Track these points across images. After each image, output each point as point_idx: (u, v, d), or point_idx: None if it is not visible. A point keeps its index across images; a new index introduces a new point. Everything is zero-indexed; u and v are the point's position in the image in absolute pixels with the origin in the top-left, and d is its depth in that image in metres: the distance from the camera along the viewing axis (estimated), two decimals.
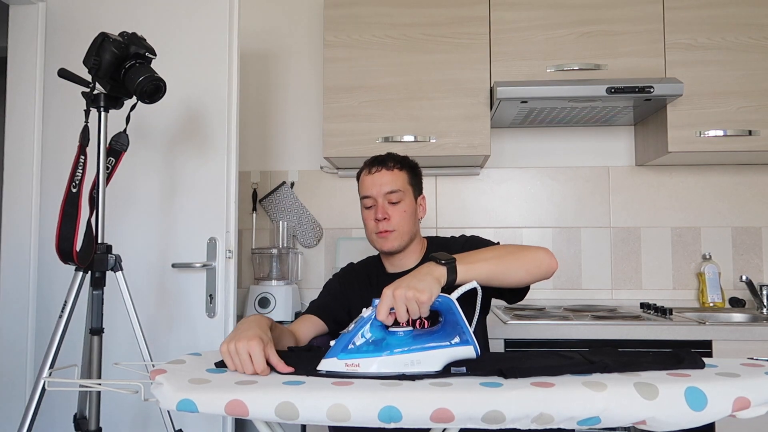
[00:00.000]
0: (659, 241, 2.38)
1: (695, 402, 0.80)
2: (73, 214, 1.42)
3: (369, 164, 1.47)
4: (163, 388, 0.85)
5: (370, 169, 1.45)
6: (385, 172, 1.43)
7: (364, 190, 1.45)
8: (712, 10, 2.09)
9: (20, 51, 1.97)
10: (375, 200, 1.43)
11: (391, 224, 1.41)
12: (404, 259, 1.47)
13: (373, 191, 1.42)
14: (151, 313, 1.86)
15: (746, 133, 2.04)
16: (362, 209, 1.47)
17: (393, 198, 1.42)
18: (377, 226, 1.41)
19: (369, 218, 1.44)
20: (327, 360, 0.95)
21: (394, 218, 1.41)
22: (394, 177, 1.43)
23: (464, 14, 2.14)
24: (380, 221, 1.41)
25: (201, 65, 1.88)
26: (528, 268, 1.19)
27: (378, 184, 1.42)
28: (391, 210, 1.41)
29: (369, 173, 1.45)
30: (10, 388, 1.89)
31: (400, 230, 1.42)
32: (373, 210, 1.43)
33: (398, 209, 1.42)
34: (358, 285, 1.50)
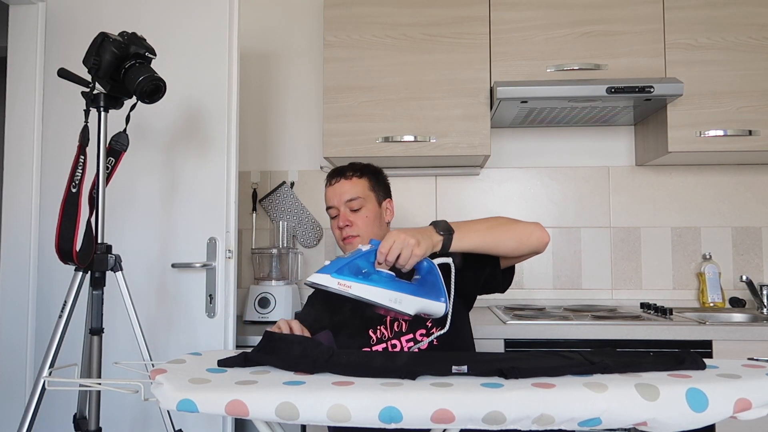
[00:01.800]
0: (659, 241, 2.38)
1: (696, 403, 0.80)
2: (72, 214, 1.42)
3: (329, 176, 1.54)
4: (163, 388, 0.85)
5: (330, 181, 1.53)
6: (344, 182, 1.50)
7: (326, 201, 1.53)
8: (712, 10, 2.09)
9: (20, 51, 1.97)
10: (337, 209, 1.50)
11: (354, 230, 1.47)
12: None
13: (333, 201, 1.50)
14: (151, 313, 1.86)
15: (746, 133, 2.04)
16: (330, 220, 1.54)
17: (354, 205, 1.48)
18: (341, 233, 1.48)
19: (334, 227, 1.51)
20: (319, 275, 1.02)
21: (357, 224, 1.47)
22: (353, 185, 1.50)
23: (464, 14, 2.14)
24: (342, 228, 1.47)
25: (201, 65, 1.87)
26: (520, 239, 1.27)
27: (338, 194, 1.49)
28: (353, 217, 1.48)
29: (330, 185, 1.53)
30: (10, 388, 1.89)
31: (364, 235, 1.47)
32: (337, 218, 1.50)
33: (360, 215, 1.48)
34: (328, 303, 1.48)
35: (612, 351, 1.06)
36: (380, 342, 1.39)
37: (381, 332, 1.40)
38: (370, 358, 1.09)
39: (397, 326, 1.39)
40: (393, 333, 1.39)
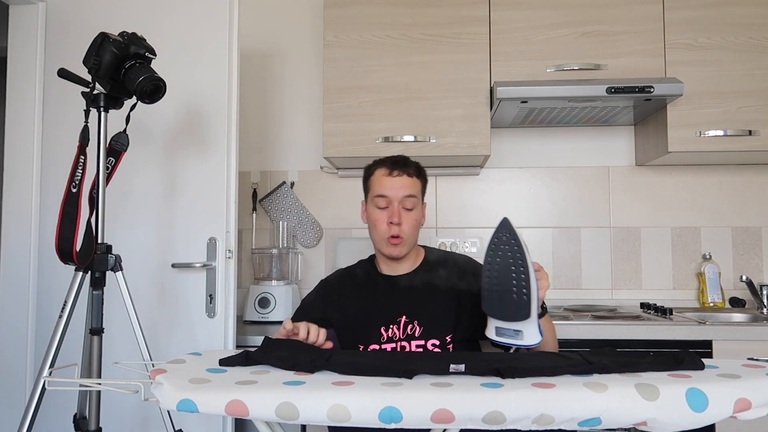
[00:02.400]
0: (659, 241, 2.38)
1: (696, 403, 0.80)
2: (73, 214, 1.42)
3: (390, 165, 1.44)
4: (164, 388, 0.85)
5: (391, 171, 1.43)
6: (406, 178, 1.43)
7: (381, 189, 1.42)
8: (712, 10, 2.08)
9: (20, 51, 1.97)
10: (390, 202, 1.41)
11: (402, 231, 1.41)
12: (402, 264, 1.48)
13: (391, 193, 1.41)
14: (151, 313, 1.86)
15: (746, 133, 2.04)
16: (372, 209, 1.45)
17: (408, 204, 1.42)
18: (389, 230, 1.41)
19: (381, 219, 1.42)
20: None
21: (406, 225, 1.41)
22: (412, 183, 1.43)
23: (464, 14, 2.14)
24: (394, 225, 1.40)
25: (201, 65, 1.88)
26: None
27: (398, 187, 1.41)
28: (404, 216, 1.41)
29: (390, 174, 1.43)
30: (10, 388, 1.89)
31: (408, 238, 1.42)
32: (387, 212, 1.42)
33: (410, 216, 1.42)
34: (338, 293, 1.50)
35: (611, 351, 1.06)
36: (390, 341, 1.39)
37: (393, 331, 1.39)
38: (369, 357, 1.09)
39: (410, 329, 1.39)
40: (405, 335, 1.38)
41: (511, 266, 1.07)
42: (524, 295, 1.07)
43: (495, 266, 1.09)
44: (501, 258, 1.08)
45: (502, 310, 1.09)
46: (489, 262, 1.11)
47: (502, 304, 1.09)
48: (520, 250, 1.07)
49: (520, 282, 1.07)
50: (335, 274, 1.57)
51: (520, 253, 1.07)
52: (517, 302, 1.08)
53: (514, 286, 1.08)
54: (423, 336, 1.38)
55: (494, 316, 1.12)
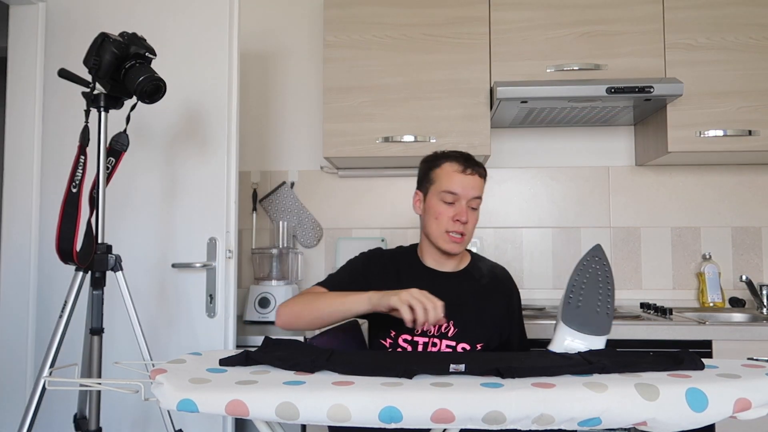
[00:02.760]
0: (659, 241, 2.38)
1: (696, 403, 0.80)
2: (73, 214, 1.42)
3: (463, 162, 1.43)
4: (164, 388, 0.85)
5: (465, 169, 1.42)
6: (477, 178, 1.42)
7: (451, 185, 1.41)
8: (712, 10, 2.09)
9: (20, 51, 1.97)
10: (458, 199, 1.41)
11: (466, 229, 1.41)
12: (449, 261, 1.48)
13: (462, 192, 1.40)
14: (151, 313, 1.86)
15: (746, 133, 2.04)
16: (437, 202, 1.43)
17: (474, 204, 1.42)
18: (454, 226, 1.40)
19: (446, 214, 1.41)
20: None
21: (470, 224, 1.42)
22: (481, 184, 1.43)
23: (464, 14, 2.14)
24: (462, 223, 1.40)
25: (201, 65, 1.88)
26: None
27: (470, 187, 1.41)
28: (470, 215, 1.41)
29: (463, 172, 1.42)
30: (10, 388, 1.89)
31: (468, 237, 1.43)
32: (453, 208, 1.41)
33: (474, 216, 1.43)
34: (382, 272, 1.47)
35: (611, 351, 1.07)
36: (423, 335, 1.39)
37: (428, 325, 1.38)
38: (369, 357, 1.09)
39: (444, 328, 1.39)
40: (439, 332, 1.39)
41: (599, 284, 1.16)
42: (607, 312, 1.14)
43: (582, 282, 1.17)
44: (590, 275, 1.17)
45: (583, 323, 1.15)
46: (577, 278, 1.18)
47: (583, 317, 1.15)
48: (610, 272, 1.17)
49: (606, 300, 1.15)
50: (378, 252, 1.55)
51: (609, 275, 1.17)
52: (599, 317, 1.14)
53: (599, 302, 1.15)
54: (455, 337, 1.38)
55: (573, 327, 1.15)
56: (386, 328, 1.41)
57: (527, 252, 2.41)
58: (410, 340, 1.40)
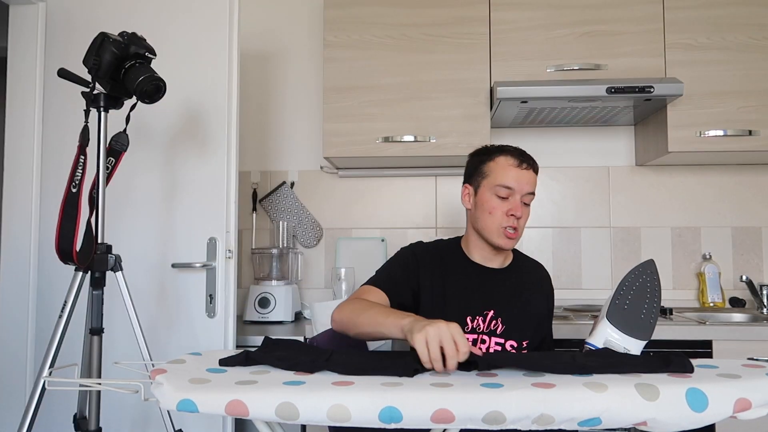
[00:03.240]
0: (659, 241, 2.38)
1: (696, 403, 0.80)
2: (73, 214, 1.42)
3: (519, 157, 1.41)
4: (163, 388, 0.85)
5: (520, 163, 1.40)
6: (532, 174, 1.41)
7: (506, 179, 1.38)
8: (712, 10, 2.08)
9: (20, 51, 1.97)
10: (513, 194, 1.38)
11: (519, 224, 1.40)
12: (496, 257, 1.46)
13: (517, 186, 1.38)
14: (151, 313, 1.86)
15: (746, 133, 2.04)
16: (490, 196, 1.40)
17: (527, 200, 1.41)
18: (508, 221, 1.38)
19: (500, 208, 1.39)
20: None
21: (522, 220, 1.40)
22: (535, 180, 1.42)
23: (464, 14, 2.14)
24: (517, 218, 1.38)
25: (201, 65, 1.87)
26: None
27: (525, 182, 1.39)
28: (523, 210, 1.40)
29: (519, 167, 1.39)
30: (10, 388, 1.89)
31: (520, 233, 1.41)
32: (507, 202, 1.39)
33: (526, 212, 1.41)
34: (431, 265, 1.44)
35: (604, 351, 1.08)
36: (473, 332, 1.37)
37: (478, 323, 1.38)
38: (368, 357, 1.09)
39: (493, 325, 1.38)
40: (488, 330, 1.38)
41: (647, 293, 1.20)
42: (651, 318, 1.18)
43: (633, 287, 1.21)
44: (640, 284, 1.21)
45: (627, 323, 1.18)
46: (628, 283, 1.21)
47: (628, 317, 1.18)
48: (659, 287, 1.21)
49: (652, 307, 1.19)
50: (423, 246, 1.50)
51: (658, 289, 1.20)
52: (643, 321, 1.18)
53: (644, 308, 1.19)
54: (504, 335, 1.38)
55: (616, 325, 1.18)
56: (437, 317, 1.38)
57: (527, 252, 2.40)
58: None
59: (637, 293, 1.20)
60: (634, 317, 1.18)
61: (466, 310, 1.38)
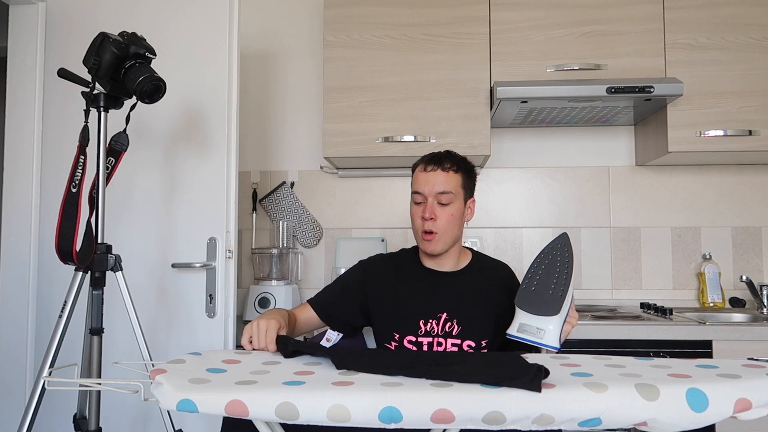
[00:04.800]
0: (659, 241, 2.38)
1: (696, 403, 0.80)
2: (72, 214, 1.41)
3: (426, 161, 1.46)
4: (163, 388, 0.85)
5: (425, 166, 1.44)
6: (440, 172, 1.42)
7: (416, 185, 1.44)
8: (712, 10, 2.08)
9: (20, 51, 1.97)
10: (425, 198, 1.42)
11: (435, 225, 1.41)
12: (444, 260, 1.48)
13: (425, 189, 1.42)
14: (151, 313, 1.86)
15: (746, 133, 2.04)
16: (411, 204, 1.47)
17: (443, 199, 1.41)
18: (423, 225, 1.41)
19: (416, 215, 1.44)
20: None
21: (440, 220, 1.41)
22: (448, 178, 1.42)
23: (464, 14, 2.14)
24: (427, 220, 1.40)
25: (201, 65, 1.87)
26: None
27: (431, 183, 1.41)
28: (439, 211, 1.41)
29: (424, 170, 1.44)
30: (10, 388, 1.89)
31: (443, 234, 1.42)
32: (422, 207, 1.42)
33: (446, 212, 1.42)
34: (381, 276, 1.50)
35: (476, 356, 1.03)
36: (428, 335, 1.40)
37: (431, 326, 1.40)
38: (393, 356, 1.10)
39: (448, 327, 1.40)
40: (443, 332, 1.40)
41: (556, 269, 1.17)
42: (560, 292, 1.16)
43: (541, 267, 1.20)
44: (549, 261, 1.19)
45: (534, 303, 1.17)
46: (537, 263, 1.20)
47: (535, 298, 1.17)
48: (570, 259, 1.18)
49: (560, 282, 1.16)
50: (377, 258, 1.57)
51: (569, 262, 1.18)
52: (551, 297, 1.16)
53: (553, 284, 1.17)
54: (460, 335, 1.39)
55: (523, 308, 1.18)
56: (389, 332, 1.43)
57: (527, 252, 2.41)
58: (415, 341, 1.41)
59: (547, 271, 1.19)
60: (543, 296, 1.17)
61: (418, 314, 1.42)
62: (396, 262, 1.54)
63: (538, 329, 1.16)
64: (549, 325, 1.16)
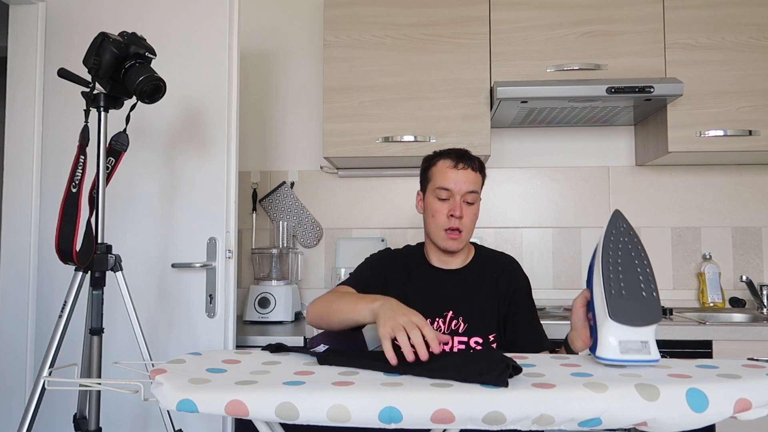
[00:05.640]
0: (659, 241, 2.38)
1: (696, 403, 0.80)
2: (73, 214, 1.42)
3: (455, 157, 1.43)
4: (163, 388, 0.85)
5: (456, 164, 1.42)
6: (470, 172, 1.42)
7: (444, 181, 1.41)
8: (712, 10, 2.08)
9: (20, 51, 1.97)
10: (453, 195, 1.41)
11: (462, 224, 1.40)
12: (455, 258, 1.48)
13: (455, 187, 1.40)
14: (151, 313, 1.86)
15: (746, 133, 2.04)
16: (432, 200, 1.44)
17: (469, 198, 1.41)
18: (449, 222, 1.40)
19: (441, 211, 1.42)
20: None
21: (466, 219, 1.41)
22: (476, 178, 1.42)
23: (464, 14, 2.14)
24: (454, 217, 1.39)
25: (201, 65, 1.87)
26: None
27: (462, 181, 1.40)
28: (465, 210, 1.41)
29: (455, 167, 1.41)
30: (10, 388, 1.89)
31: (467, 233, 1.42)
32: (448, 204, 1.41)
33: (471, 211, 1.42)
34: (396, 271, 1.48)
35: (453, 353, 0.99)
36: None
37: (438, 325, 1.40)
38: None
39: (454, 325, 1.39)
40: (449, 330, 1.39)
41: (635, 260, 0.95)
42: (653, 290, 0.94)
43: (618, 265, 0.96)
44: (622, 253, 0.96)
45: (633, 313, 0.94)
46: (609, 261, 0.96)
47: (632, 306, 0.94)
48: (639, 242, 0.95)
49: (647, 278, 0.94)
50: (388, 252, 1.55)
51: (640, 246, 0.96)
52: (648, 301, 0.93)
53: (642, 283, 0.94)
54: (466, 333, 1.39)
55: (626, 323, 0.94)
56: None
57: (527, 252, 2.41)
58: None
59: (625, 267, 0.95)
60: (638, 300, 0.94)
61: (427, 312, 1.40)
62: (406, 259, 1.51)
63: (642, 343, 0.93)
64: (651, 334, 0.94)
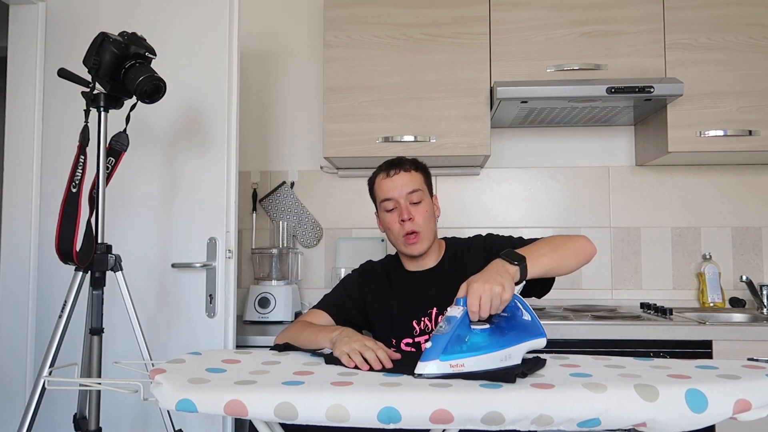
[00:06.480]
0: (659, 241, 2.38)
1: (696, 404, 0.80)
2: (73, 214, 1.42)
3: (385, 168, 1.47)
4: (163, 388, 0.85)
5: (387, 173, 1.45)
6: (404, 174, 1.44)
7: (383, 193, 1.45)
8: (712, 10, 2.08)
9: (20, 51, 1.97)
10: (397, 202, 1.43)
11: (416, 225, 1.41)
12: (425, 259, 1.49)
13: (394, 193, 1.43)
14: (151, 313, 1.86)
15: (746, 133, 2.04)
16: (383, 214, 1.47)
17: (414, 198, 1.43)
18: (403, 228, 1.42)
19: (393, 221, 1.44)
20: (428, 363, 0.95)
21: (418, 219, 1.42)
22: (412, 177, 1.44)
23: (464, 14, 2.14)
24: (405, 222, 1.41)
25: (201, 65, 1.87)
26: (578, 257, 1.27)
27: (399, 186, 1.43)
28: (414, 210, 1.42)
29: (387, 176, 1.45)
30: (10, 388, 1.89)
31: (425, 232, 1.43)
32: (396, 212, 1.43)
33: (420, 209, 1.43)
34: (376, 284, 1.52)
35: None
36: (423, 334, 1.41)
37: (425, 324, 1.41)
38: None
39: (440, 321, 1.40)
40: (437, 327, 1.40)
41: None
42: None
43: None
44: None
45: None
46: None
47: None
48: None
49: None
50: (369, 265, 1.60)
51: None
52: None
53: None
54: None
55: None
56: (387, 338, 1.43)
57: None
58: (412, 343, 1.41)
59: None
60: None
61: (411, 315, 1.43)
62: (386, 269, 1.56)
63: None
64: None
